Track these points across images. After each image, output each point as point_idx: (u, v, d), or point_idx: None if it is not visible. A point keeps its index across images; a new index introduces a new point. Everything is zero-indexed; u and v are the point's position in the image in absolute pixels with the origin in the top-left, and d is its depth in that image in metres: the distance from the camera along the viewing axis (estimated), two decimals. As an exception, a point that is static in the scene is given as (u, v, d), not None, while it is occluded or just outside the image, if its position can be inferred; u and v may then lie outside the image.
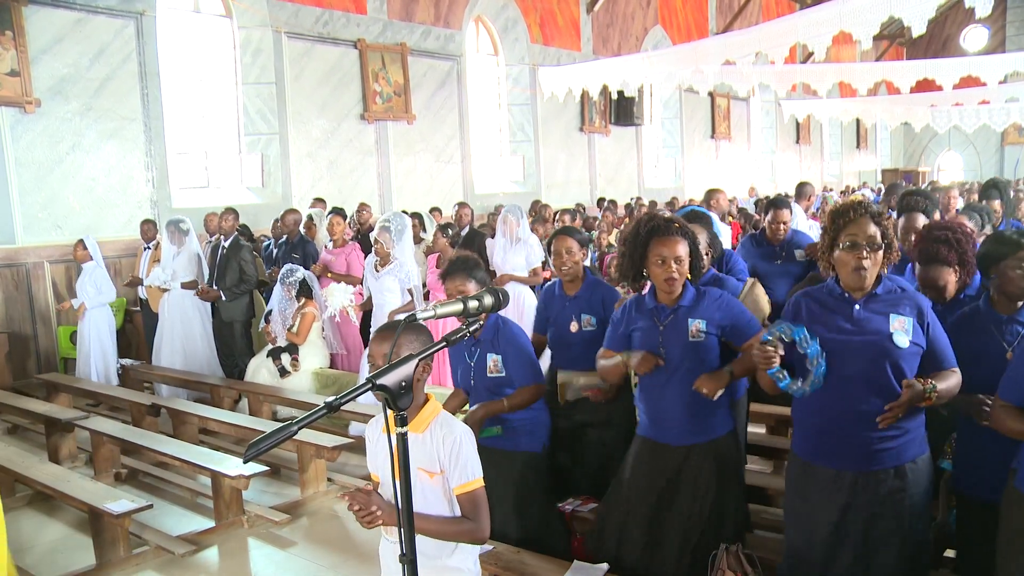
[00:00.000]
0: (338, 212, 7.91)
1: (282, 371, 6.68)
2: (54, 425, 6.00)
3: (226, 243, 7.60)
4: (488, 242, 7.81)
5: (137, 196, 9.38)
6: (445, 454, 2.25)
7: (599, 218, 10.54)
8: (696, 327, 3.03)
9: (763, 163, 22.56)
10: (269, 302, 7.13)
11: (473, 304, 1.84)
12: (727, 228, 7.20)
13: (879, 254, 2.62)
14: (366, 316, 6.73)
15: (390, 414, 1.75)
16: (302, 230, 8.20)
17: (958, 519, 3.08)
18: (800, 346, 2.58)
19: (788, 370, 2.63)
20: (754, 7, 20.40)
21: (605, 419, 3.82)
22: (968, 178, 25.42)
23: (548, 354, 4.20)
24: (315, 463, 5.19)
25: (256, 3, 10.62)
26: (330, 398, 1.64)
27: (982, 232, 4.93)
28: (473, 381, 3.56)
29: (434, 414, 2.31)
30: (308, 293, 6.87)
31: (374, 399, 1.78)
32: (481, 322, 3.36)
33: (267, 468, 4.92)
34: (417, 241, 8.19)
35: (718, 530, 3.06)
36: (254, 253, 8.11)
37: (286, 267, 6.98)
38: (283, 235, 8.23)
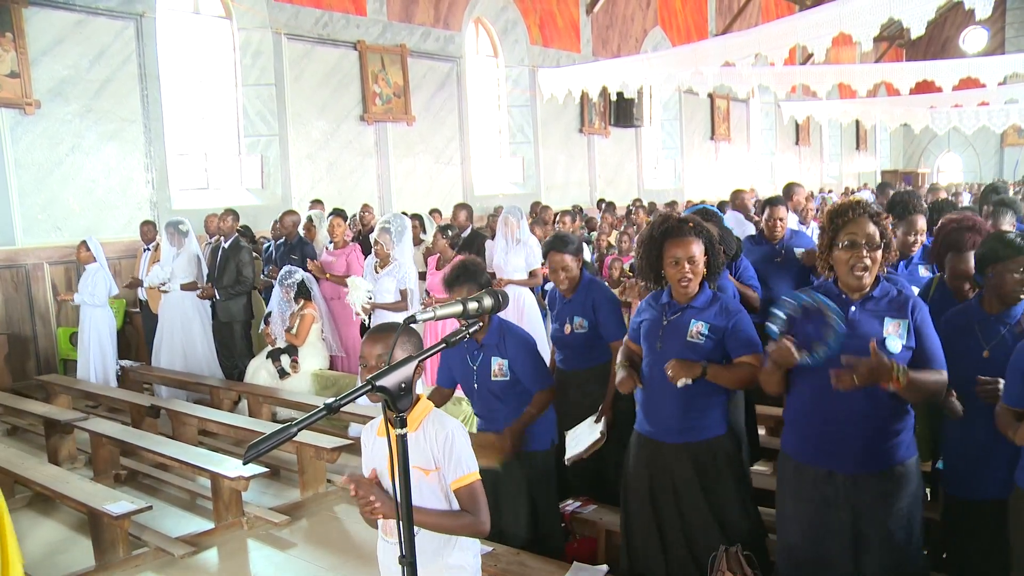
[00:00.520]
0: (339, 213, 7.92)
1: (281, 372, 6.68)
2: (53, 426, 6.00)
3: (226, 244, 7.61)
4: (488, 244, 7.82)
5: (137, 197, 9.38)
6: (439, 450, 2.26)
7: (599, 219, 10.56)
8: (697, 329, 3.01)
9: (763, 164, 22.55)
10: (268, 303, 7.13)
11: (473, 306, 1.84)
12: (752, 227, 7.18)
13: (878, 253, 2.61)
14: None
15: (389, 415, 1.75)
16: (301, 232, 8.20)
17: (944, 518, 3.08)
18: (818, 308, 2.51)
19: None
20: (753, 9, 20.42)
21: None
22: (968, 179, 25.45)
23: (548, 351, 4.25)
24: (315, 464, 5.20)
25: (256, 4, 10.63)
26: (330, 400, 1.64)
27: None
28: (476, 385, 3.54)
29: (426, 412, 2.31)
30: (307, 295, 6.87)
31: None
32: (481, 324, 3.36)
33: (267, 469, 4.93)
34: (417, 243, 8.19)
35: (721, 533, 3.01)
36: (254, 255, 8.11)
37: (285, 268, 6.98)
38: (282, 236, 8.23)
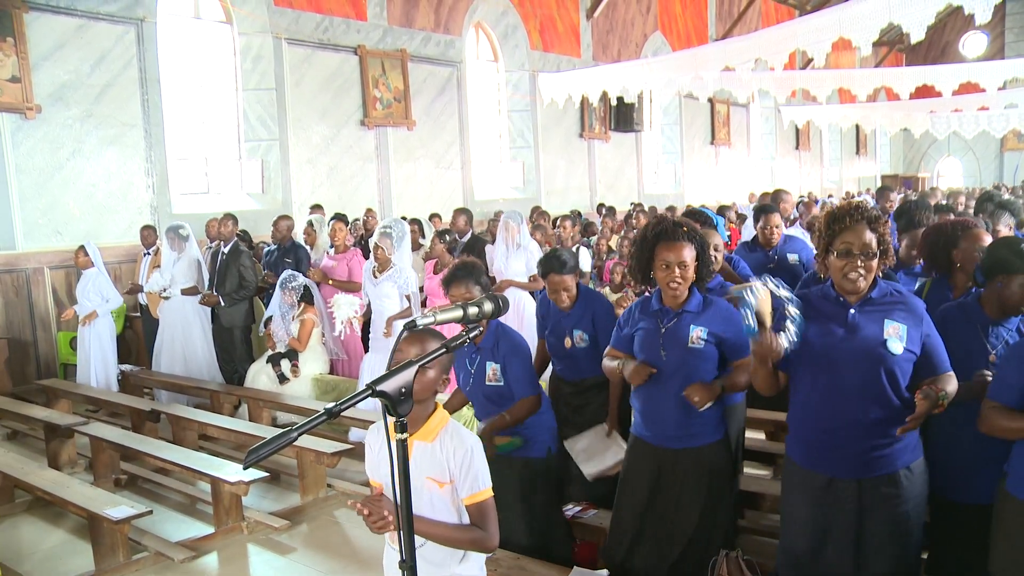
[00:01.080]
0: (340, 218, 7.93)
1: (282, 377, 6.68)
2: (54, 431, 6.00)
3: (226, 249, 7.62)
4: (488, 248, 7.82)
5: (137, 202, 9.39)
6: (456, 465, 2.23)
7: (599, 224, 10.56)
8: (697, 334, 3.02)
9: (763, 169, 22.56)
10: (268, 307, 7.13)
11: (473, 310, 1.84)
12: (798, 231, 7.16)
13: (873, 262, 2.59)
14: (364, 322, 6.75)
15: (390, 420, 1.74)
16: (302, 237, 8.21)
17: (931, 520, 3.06)
18: (748, 292, 2.50)
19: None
20: (753, 13, 20.46)
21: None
22: (968, 184, 25.45)
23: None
24: (315, 469, 5.19)
25: (256, 9, 10.65)
26: (330, 404, 1.64)
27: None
28: (471, 388, 3.56)
29: (442, 423, 2.29)
30: (309, 299, 6.87)
31: (373, 405, 1.76)
32: (481, 328, 3.36)
33: (267, 474, 4.92)
34: (416, 247, 8.20)
35: (708, 538, 3.05)
36: (253, 259, 8.12)
37: (287, 273, 6.98)
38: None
